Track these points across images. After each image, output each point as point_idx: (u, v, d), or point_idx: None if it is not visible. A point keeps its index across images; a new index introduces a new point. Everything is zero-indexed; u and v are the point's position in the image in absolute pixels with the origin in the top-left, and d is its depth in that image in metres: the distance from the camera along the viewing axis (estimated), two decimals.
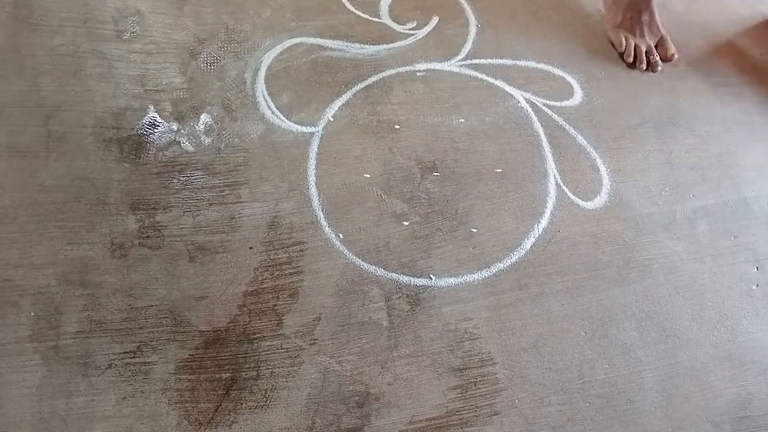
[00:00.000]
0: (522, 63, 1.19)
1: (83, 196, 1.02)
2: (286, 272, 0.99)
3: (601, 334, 0.98)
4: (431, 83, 1.16)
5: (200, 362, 0.93)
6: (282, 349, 0.94)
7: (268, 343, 0.94)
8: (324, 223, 1.03)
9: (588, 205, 1.07)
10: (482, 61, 1.19)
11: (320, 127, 1.10)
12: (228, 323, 0.95)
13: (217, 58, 1.15)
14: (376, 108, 1.13)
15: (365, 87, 1.14)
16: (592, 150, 1.12)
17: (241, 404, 0.90)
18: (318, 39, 1.18)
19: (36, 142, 1.05)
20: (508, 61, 1.19)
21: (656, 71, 1.22)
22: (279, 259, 1.00)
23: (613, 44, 1.26)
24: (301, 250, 1.01)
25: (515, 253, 1.03)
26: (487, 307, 0.98)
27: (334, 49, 1.18)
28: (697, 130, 1.21)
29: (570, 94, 1.17)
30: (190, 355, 0.93)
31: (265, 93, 1.13)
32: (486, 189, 1.07)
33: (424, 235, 1.03)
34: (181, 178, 1.05)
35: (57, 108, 1.08)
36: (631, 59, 1.22)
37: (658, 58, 1.24)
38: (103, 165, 1.05)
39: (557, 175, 1.09)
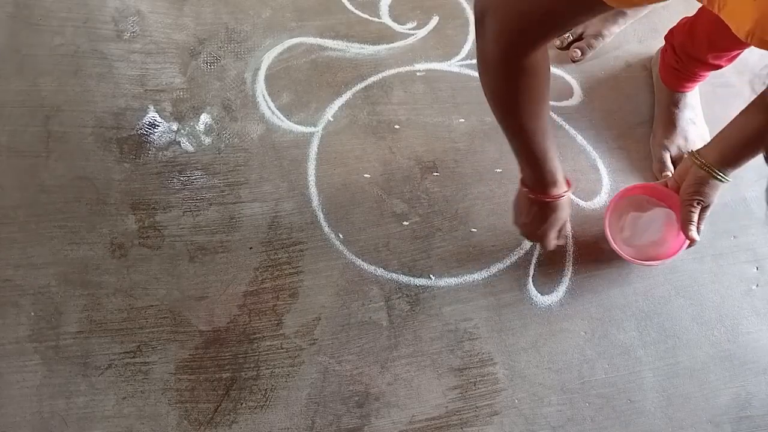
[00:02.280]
0: None
1: (83, 196, 1.02)
2: (286, 272, 0.99)
3: (601, 334, 0.98)
4: (431, 83, 1.15)
5: (200, 362, 0.93)
6: (282, 349, 0.94)
7: (268, 343, 0.94)
8: (324, 223, 1.03)
9: (588, 205, 1.07)
10: None
11: (320, 127, 1.10)
12: (228, 323, 0.95)
13: (217, 58, 1.15)
14: (376, 108, 1.12)
15: (365, 87, 1.14)
16: (592, 150, 1.12)
17: (241, 404, 0.90)
18: (318, 39, 1.18)
19: (36, 142, 1.05)
20: None
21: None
22: (279, 259, 1.00)
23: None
24: (301, 250, 1.01)
25: (515, 253, 1.03)
26: (487, 307, 0.98)
27: (334, 49, 1.18)
28: None
29: (570, 94, 1.16)
30: (190, 355, 0.93)
31: (265, 93, 1.13)
32: (486, 189, 1.07)
33: (424, 235, 1.03)
34: (181, 178, 1.05)
35: (57, 108, 1.08)
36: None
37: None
38: (103, 165, 1.05)
39: None
